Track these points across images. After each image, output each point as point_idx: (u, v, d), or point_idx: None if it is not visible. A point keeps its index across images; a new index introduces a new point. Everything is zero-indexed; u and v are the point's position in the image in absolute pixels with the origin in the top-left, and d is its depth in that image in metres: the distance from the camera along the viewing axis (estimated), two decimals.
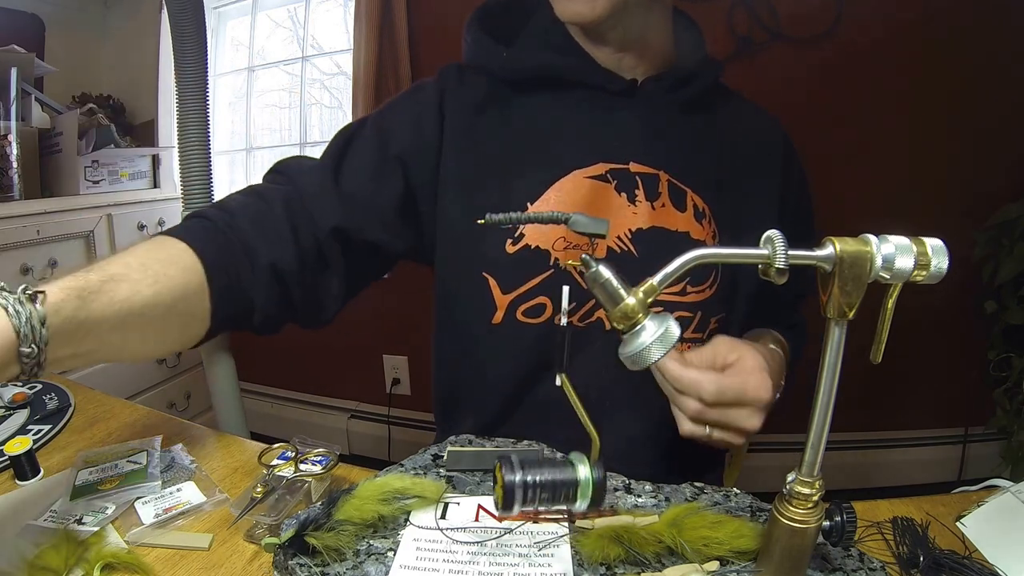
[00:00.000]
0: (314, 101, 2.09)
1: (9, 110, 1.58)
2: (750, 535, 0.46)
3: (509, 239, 0.64)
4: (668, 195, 0.65)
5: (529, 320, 0.65)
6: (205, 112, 1.23)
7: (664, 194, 0.65)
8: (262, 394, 2.26)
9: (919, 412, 1.77)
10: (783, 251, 0.37)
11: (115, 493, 0.60)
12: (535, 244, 0.63)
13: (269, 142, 2.19)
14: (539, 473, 0.41)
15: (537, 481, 0.41)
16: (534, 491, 0.41)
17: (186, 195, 1.26)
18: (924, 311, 1.44)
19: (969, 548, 0.51)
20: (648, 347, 0.39)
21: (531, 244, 0.63)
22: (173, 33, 1.18)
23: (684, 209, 0.65)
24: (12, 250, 1.47)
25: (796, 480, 0.41)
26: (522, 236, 0.64)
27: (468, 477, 0.57)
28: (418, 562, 0.46)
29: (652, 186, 0.65)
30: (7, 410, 0.79)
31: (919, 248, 0.36)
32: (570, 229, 0.42)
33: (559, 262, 0.63)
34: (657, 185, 0.65)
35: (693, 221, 0.66)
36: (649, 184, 0.65)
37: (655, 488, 0.56)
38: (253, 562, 0.52)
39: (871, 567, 0.46)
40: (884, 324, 0.38)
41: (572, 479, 0.41)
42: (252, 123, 2.17)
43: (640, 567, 0.45)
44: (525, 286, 0.64)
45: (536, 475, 0.41)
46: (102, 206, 1.68)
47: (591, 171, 0.65)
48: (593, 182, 0.64)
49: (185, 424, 0.78)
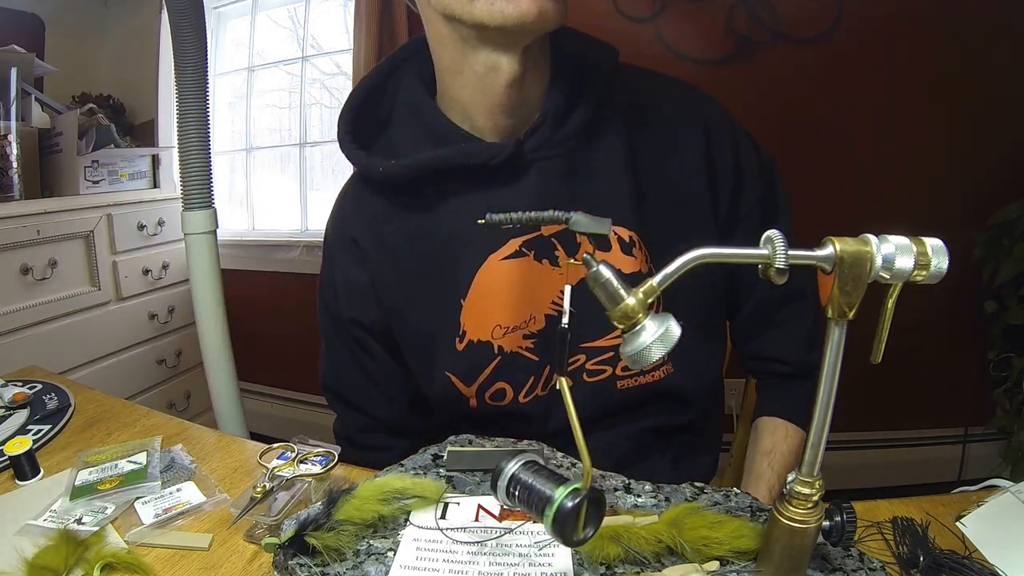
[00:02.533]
0: (314, 101, 2.09)
1: (9, 110, 1.58)
2: (750, 535, 0.46)
3: (456, 338, 0.65)
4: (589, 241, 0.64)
5: (497, 404, 0.67)
6: (205, 112, 1.24)
7: (584, 243, 0.63)
8: (262, 394, 2.26)
9: (919, 412, 1.77)
10: (783, 251, 0.37)
11: (115, 493, 0.60)
12: (476, 338, 0.65)
13: (269, 142, 2.20)
14: (531, 476, 0.41)
15: (522, 481, 0.41)
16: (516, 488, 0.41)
17: (186, 195, 1.26)
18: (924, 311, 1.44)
19: (969, 548, 0.51)
20: (648, 347, 0.39)
21: (473, 339, 0.65)
22: (173, 33, 1.18)
23: (609, 248, 0.63)
24: (12, 250, 1.47)
25: (796, 480, 0.41)
26: (464, 333, 0.65)
27: (468, 477, 0.57)
28: (418, 562, 0.46)
29: (570, 241, 0.63)
30: (7, 410, 0.79)
31: (919, 248, 0.36)
32: (571, 229, 0.42)
33: (503, 348, 0.65)
34: (574, 237, 0.63)
35: (620, 255, 0.63)
36: (566, 240, 0.63)
37: (655, 488, 0.55)
38: (253, 562, 0.52)
39: (871, 567, 0.46)
40: (884, 324, 0.38)
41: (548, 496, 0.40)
42: (252, 123, 2.17)
43: (640, 567, 0.45)
44: (481, 376, 0.66)
45: (527, 476, 0.41)
46: (102, 206, 1.68)
47: (504, 251, 0.63)
48: (510, 262, 0.63)
49: (185, 424, 0.78)
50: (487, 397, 0.67)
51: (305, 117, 2.08)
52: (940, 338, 1.64)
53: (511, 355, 0.65)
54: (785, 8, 1.49)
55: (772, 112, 1.50)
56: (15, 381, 0.87)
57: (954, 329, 1.65)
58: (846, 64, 1.50)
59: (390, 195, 0.67)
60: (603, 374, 0.66)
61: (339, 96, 2.05)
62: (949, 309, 1.58)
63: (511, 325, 0.64)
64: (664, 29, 1.53)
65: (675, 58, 1.52)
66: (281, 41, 2.10)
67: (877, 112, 1.53)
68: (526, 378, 0.66)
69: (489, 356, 0.65)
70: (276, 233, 2.14)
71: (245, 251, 2.10)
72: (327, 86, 2.07)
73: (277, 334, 2.16)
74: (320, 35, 2.03)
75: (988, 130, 1.49)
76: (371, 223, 0.68)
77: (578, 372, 0.65)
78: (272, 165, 2.22)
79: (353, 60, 1.71)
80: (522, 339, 0.65)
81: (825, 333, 0.39)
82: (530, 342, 0.65)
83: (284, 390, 2.24)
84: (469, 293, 0.64)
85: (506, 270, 0.63)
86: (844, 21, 1.47)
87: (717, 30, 1.52)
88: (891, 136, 1.54)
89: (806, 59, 1.51)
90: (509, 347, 0.65)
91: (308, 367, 2.35)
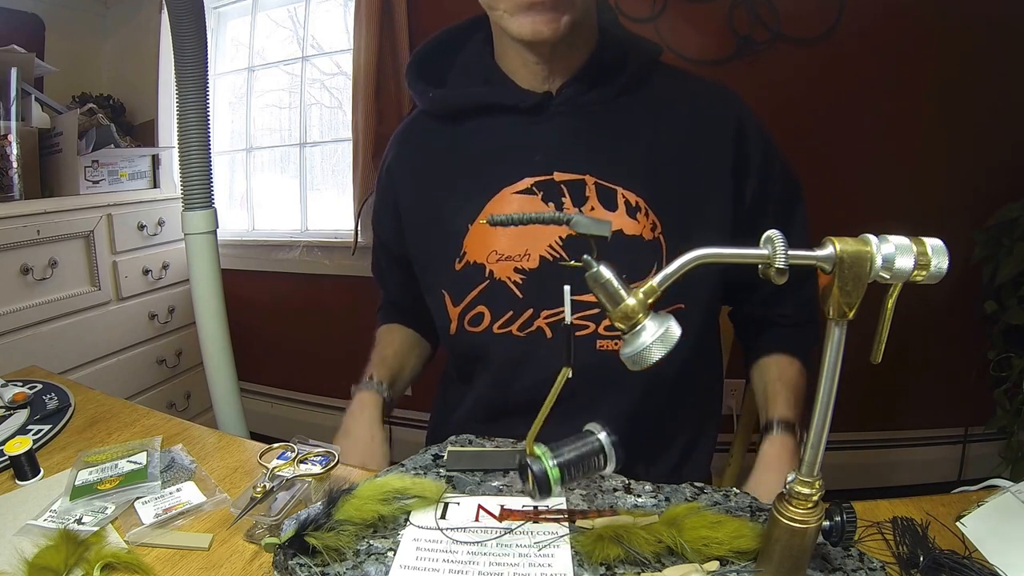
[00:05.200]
0: (314, 101, 2.09)
1: (9, 110, 1.57)
2: (750, 535, 0.46)
3: (456, 259, 0.72)
4: (596, 197, 0.68)
5: (473, 329, 0.72)
6: (205, 112, 1.23)
7: (592, 197, 0.68)
8: (262, 394, 2.26)
9: (919, 412, 1.77)
10: (783, 251, 0.37)
11: (115, 493, 0.60)
12: (473, 260, 0.71)
13: (269, 142, 2.19)
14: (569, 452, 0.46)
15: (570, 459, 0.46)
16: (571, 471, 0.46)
17: (186, 195, 1.26)
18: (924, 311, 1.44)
19: (969, 548, 0.51)
20: (649, 347, 0.39)
21: (471, 260, 0.71)
22: (173, 33, 1.18)
23: (615, 208, 0.68)
24: (12, 250, 1.47)
25: (796, 480, 0.41)
26: (464, 254, 0.71)
27: (468, 477, 0.57)
28: (418, 562, 0.46)
29: (579, 191, 0.68)
30: (7, 410, 0.79)
31: (919, 248, 0.36)
32: (571, 229, 0.41)
33: (494, 273, 0.70)
34: (584, 190, 0.68)
35: (625, 217, 0.67)
36: (575, 190, 0.68)
37: (655, 488, 0.56)
38: (253, 562, 0.52)
39: (871, 567, 0.46)
40: (884, 324, 0.38)
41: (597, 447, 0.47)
42: (252, 123, 2.17)
43: (640, 567, 0.46)
44: (468, 297, 0.71)
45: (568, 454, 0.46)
46: (102, 206, 1.68)
47: (517, 187, 0.69)
48: (521, 197, 0.69)
49: (185, 424, 0.78)
50: (466, 321, 0.72)
51: (305, 117, 2.08)
52: (940, 338, 1.64)
53: (499, 282, 0.70)
54: (785, 8, 1.49)
55: (772, 112, 1.49)
56: (15, 381, 0.87)
57: (954, 329, 1.65)
58: (846, 64, 1.50)
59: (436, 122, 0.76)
60: (585, 330, 0.68)
61: (339, 96, 2.05)
62: (949, 309, 1.58)
63: (506, 254, 0.69)
64: (664, 29, 1.53)
65: (676, 58, 1.52)
66: (281, 41, 2.09)
67: (877, 112, 1.53)
68: (505, 310, 0.70)
69: (479, 278, 0.70)
70: (276, 233, 2.13)
71: (245, 251, 2.10)
72: (327, 86, 2.07)
73: (277, 334, 2.16)
74: (320, 35, 2.03)
75: (988, 130, 1.49)
76: (407, 142, 0.79)
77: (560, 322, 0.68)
78: (272, 165, 2.22)
79: (353, 60, 1.71)
80: (512, 271, 0.69)
81: (825, 333, 0.39)
82: (519, 276, 0.69)
83: (284, 390, 2.24)
84: (477, 218, 0.70)
85: (516, 204, 0.69)
86: (844, 21, 1.47)
87: (717, 30, 1.52)
88: (891, 136, 1.54)
89: (806, 59, 1.51)
90: (499, 274, 0.70)
91: (308, 367, 2.36)
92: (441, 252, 0.73)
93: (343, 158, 2.05)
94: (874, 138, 1.55)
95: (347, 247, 1.85)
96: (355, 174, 1.75)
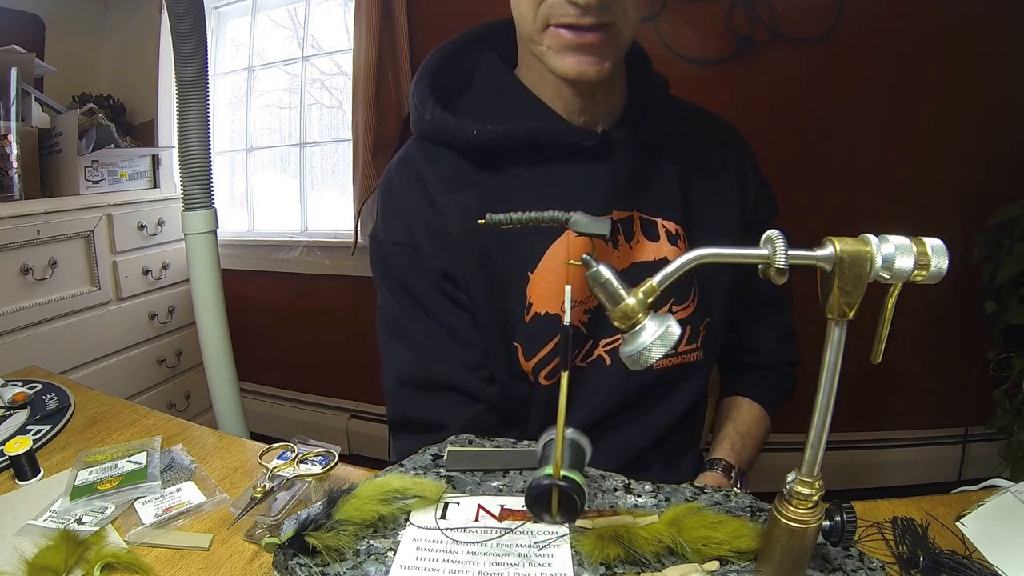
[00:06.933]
0: (314, 101, 2.09)
1: (9, 110, 1.58)
2: (750, 535, 0.46)
3: (524, 310, 0.67)
4: (641, 231, 0.70)
5: (548, 383, 0.69)
6: (205, 112, 1.24)
7: (638, 232, 0.70)
8: (262, 394, 2.26)
9: (919, 412, 1.77)
10: (783, 251, 0.37)
11: (115, 493, 0.60)
12: (544, 311, 0.67)
13: (269, 142, 2.19)
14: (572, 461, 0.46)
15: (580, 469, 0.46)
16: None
17: (186, 195, 1.26)
18: (924, 311, 1.44)
19: (969, 548, 0.51)
20: (648, 347, 0.39)
21: (540, 311, 0.67)
22: (173, 33, 1.18)
23: (657, 238, 0.70)
24: (12, 250, 1.47)
25: (796, 480, 0.41)
26: (531, 306, 0.67)
27: (468, 477, 0.57)
28: (418, 562, 0.46)
29: (628, 228, 0.69)
30: (7, 410, 0.79)
31: (919, 248, 0.36)
32: (571, 229, 0.42)
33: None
34: (632, 225, 0.69)
35: (667, 245, 0.70)
36: (626, 227, 0.69)
37: (655, 488, 0.55)
38: (253, 562, 0.52)
39: (871, 567, 0.46)
40: (884, 324, 0.38)
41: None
42: (252, 123, 2.17)
43: (640, 567, 0.46)
44: (543, 350, 0.68)
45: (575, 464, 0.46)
46: (102, 206, 1.68)
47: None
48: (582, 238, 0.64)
49: (185, 424, 0.78)
50: (542, 376, 0.68)
51: (305, 117, 2.08)
52: (940, 338, 1.64)
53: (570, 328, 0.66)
54: (785, 8, 1.49)
55: (772, 112, 1.50)
56: (15, 381, 0.87)
57: (954, 329, 1.65)
58: (846, 64, 1.50)
59: (469, 158, 0.68)
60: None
61: (339, 96, 2.05)
62: (949, 309, 1.58)
63: (577, 299, 0.67)
64: (664, 29, 1.53)
65: (675, 58, 1.51)
66: (281, 41, 2.10)
67: (877, 112, 1.53)
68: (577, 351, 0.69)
69: (554, 330, 0.67)
70: (276, 233, 2.14)
71: (245, 251, 2.10)
72: (327, 86, 2.07)
73: (277, 334, 2.16)
74: (320, 35, 2.03)
75: (988, 130, 1.49)
76: (446, 183, 0.68)
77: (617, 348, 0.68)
78: (272, 165, 2.22)
79: (353, 60, 1.71)
80: (583, 313, 0.68)
81: (825, 333, 0.39)
82: (586, 316, 0.69)
83: (284, 390, 2.24)
84: (539, 266, 0.67)
85: (577, 245, 0.66)
86: (844, 21, 1.47)
87: (717, 30, 1.52)
88: (891, 136, 1.54)
89: (806, 59, 1.51)
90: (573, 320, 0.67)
91: (308, 367, 2.36)
92: (503, 304, 0.67)
93: (343, 158, 2.05)
94: (874, 138, 1.55)
95: (347, 247, 1.85)
96: (355, 174, 1.75)
